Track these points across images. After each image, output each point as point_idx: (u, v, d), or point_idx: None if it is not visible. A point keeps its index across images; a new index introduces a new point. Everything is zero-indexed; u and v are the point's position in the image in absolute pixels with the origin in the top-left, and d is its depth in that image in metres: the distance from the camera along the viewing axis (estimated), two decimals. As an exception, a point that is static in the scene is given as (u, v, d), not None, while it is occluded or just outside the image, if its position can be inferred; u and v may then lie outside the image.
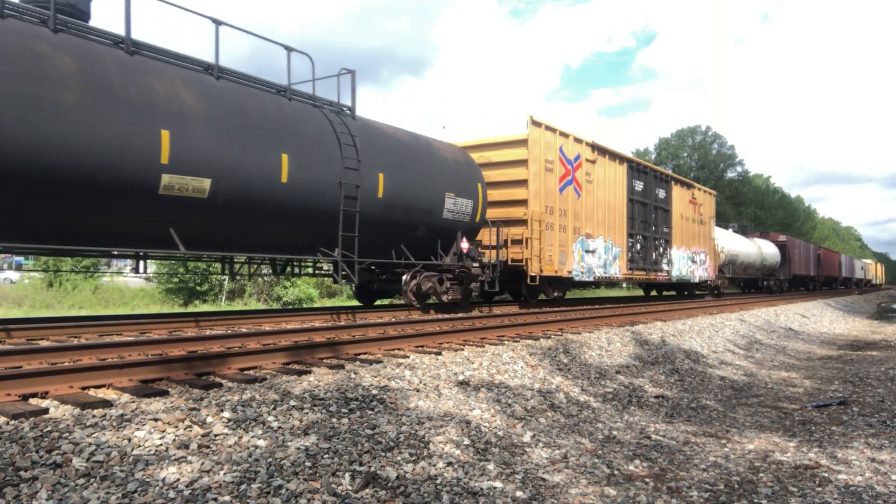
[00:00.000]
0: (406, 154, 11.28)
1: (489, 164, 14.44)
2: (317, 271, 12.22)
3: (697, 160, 66.57)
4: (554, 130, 14.67)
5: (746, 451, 5.57)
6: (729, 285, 38.28)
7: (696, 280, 23.21)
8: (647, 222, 19.09)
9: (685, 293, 25.38)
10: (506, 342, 8.04)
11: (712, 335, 12.67)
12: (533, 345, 8.07)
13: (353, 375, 5.51)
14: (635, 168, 18.72)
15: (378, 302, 14.24)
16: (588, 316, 12.25)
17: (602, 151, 16.80)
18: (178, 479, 3.26)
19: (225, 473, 3.41)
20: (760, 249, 31.76)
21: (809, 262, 40.96)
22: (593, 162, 16.24)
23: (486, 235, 13.41)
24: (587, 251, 15.76)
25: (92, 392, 4.41)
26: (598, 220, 16.36)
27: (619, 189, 17.56)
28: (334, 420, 4.45)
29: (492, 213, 13.72)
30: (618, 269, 17.34)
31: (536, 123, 14.13)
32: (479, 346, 7.56)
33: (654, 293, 27.13)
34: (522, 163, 14.06)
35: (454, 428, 4.84)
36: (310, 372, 5.41)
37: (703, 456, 5.36)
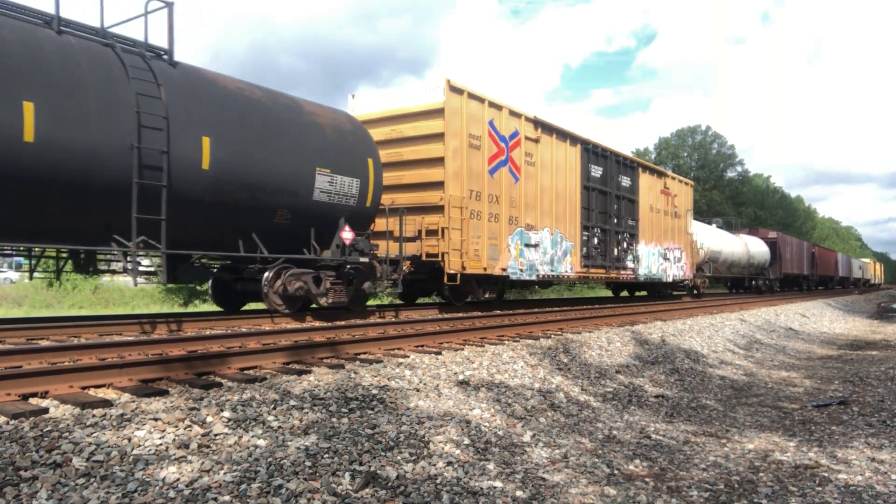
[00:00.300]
0: (254, 116, 8.84)
1: (402, 139, 12.23)
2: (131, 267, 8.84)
3: (697, 160, 66.58)
4: (481, 100, 12.42)
5: (746, 451, 5.57)
6: (714, 285, 37.01)
7: (670, 279, 20.96)
8: (608, 213, 16.86)
9: (663, 294, 23.12)
10: (506, 342, 8.04)
11: (712, 335, 12.67)
12: (533, 344, 8.08)
13: (353, 375, 5.52)
14: (591, 150, 16.32)
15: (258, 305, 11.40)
16: (588, 316, 12.25)
17: (548, 129, 14.41)
18: (178, 479, 3.26)
19: (225, 473, 3.41)
20: (747, 247, 30.03)
21: (803, 260, 39.45)
22: (536, 141, 13.94)
23: (402, 225, 11.47)
24: (528, 245, 13.53)
25: (92, 392, 4.41)
26: (542, 210, 14.13)
27: (570, 174, 15.28)
28: (334, 420, 4.45)
29: (405, 199, 11.91)
30: (569, 267, 15.13)
31: (456, 90, 11.82)
32: (479, 346, 7.56)
33: (624, 293, 24.45)
34: (438, 137, 11.67)
35: (454, 427, 4.85)
36: (310, 372, 5.42)
37: (703, 455, 5.37)
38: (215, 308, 18.95)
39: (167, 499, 3.08)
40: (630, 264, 18.05)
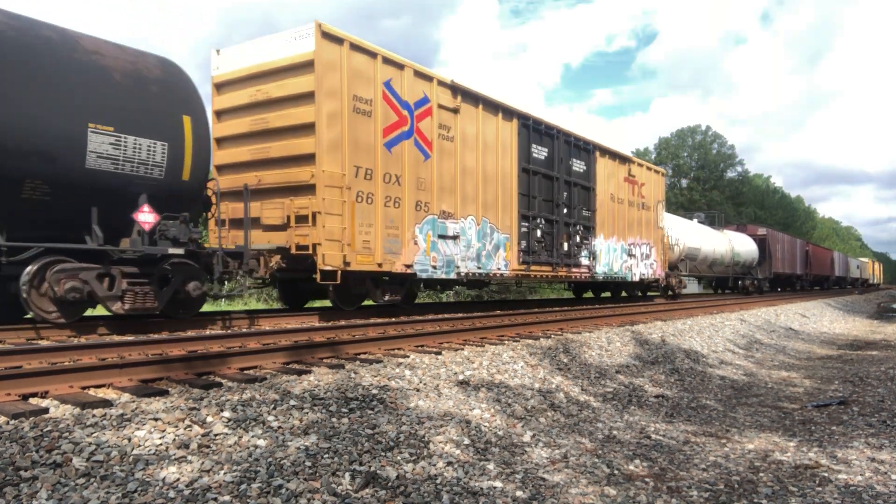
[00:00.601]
0: None
1: (268, 101, 9.78)
2: None
3: (697, 160, 66.63)
4: (372, 54, 9.95)
5: (746, 451, 5.57)
6: (701, 285, 34.57)
7: (636, 278, 18.61)
8: (555, 202, 14.48)
9: (630, 295, 20.61)
10: (506, 342, 8.05)
11: (712, 335, 12.67)
12: (533, 344, 8.08)
13: (353, 375, 5.52)
14: (532, 127, 13.78)
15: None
16: (588, 316, 12.26)
17: (471, 98, 12.05)
18: (178, 479, 3.26)
19: (225, 473, 3.41)
20: (731, 244, 27.72)
21: (795, 259, 37.26)
22: (454, 111, 11.56)
23: (247, 207, 9.00)
24: (443, 237, 11.27)
25: (92, 392, 4.41)
26: (465, 195, 11.82)
27: (504, 154, 12.90)
28: (334, 420, 4.45)
29: (273, 176, 9.71)
30: (503, 263, 12.75)
31: (331, 37, 9.31)
32: (479, 346, 7.57)
33: (588, 294, 21.53)
34: (307, 98, 9.27)
35: (454, 427, 4.85)
36: (310, 372, 5.42)
37: (703, 455, 5.37)
38: (215, 308, 18.53)
39: (167, 499, 3.08)
40: (585, 261, 15.71)
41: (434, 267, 11.09)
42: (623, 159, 17.99)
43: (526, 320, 10.28)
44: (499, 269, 12.68)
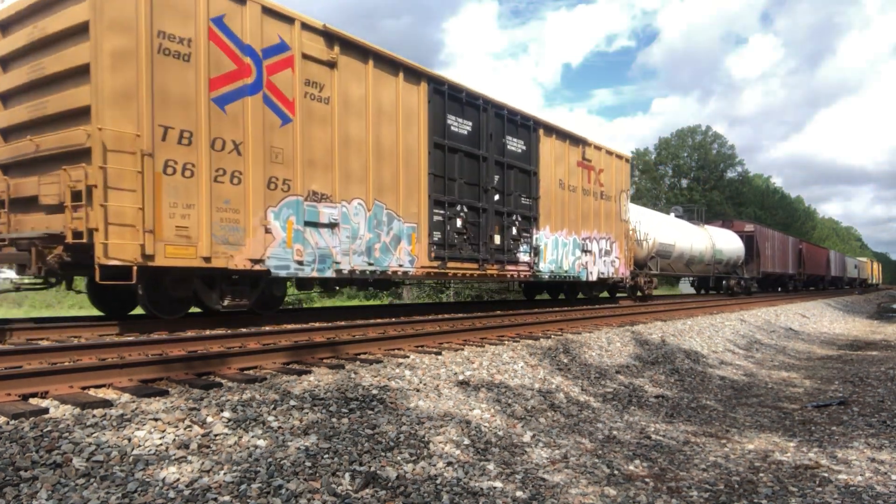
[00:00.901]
0: None
1: (44, 41, 7.50)
2: None
3: (697, 160, 66.67)
4: None
5: (746, 451, 5.57)
6: (670, 285, 32.62)
7: (594, 277, 16.30)
8: (482, 186, 12.16)
9: (588, 296, 18.41)
10: (506, 342, 8.05)
11: (712, 335, 12.68)
12: (533, 345, 8.08)
13: (353, 375, 5.52)
14: (448, 94, 11.35)
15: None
16: (588, 316, 12.26)
17: (357, 50, 9.59)
18: (178, 479, 3.26)
19: (225, 473, 3.41)
20: (713, 240, 25.21)
21: (788, 257, 35.00)
22: (330, 65, 9.14)
23: (48, 185, 7.19)
24: (314, 224, 8.96)
25: (92, 392, 4.41)
26: (348, 173, 9.45)
27: (409, 124, 10.58)
28: (334, 420, 4.45)
29: (51, 141, 7.39)
30: (407, 259, 10.52)
31: None
32: (479, 346, 7.57)
33: (545, 295, 19.50)
34: (81, 32, 7.07)
35: (454, 428, 4.85)
36: (310, 372, 5.42)
37: (703, 456, 5.37)
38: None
39: (167, 499, 3.08)
40: (524, 257, 13.38)
41: (300, 263, 8.77)
42: (575, 140, 15.35)
43: (526, 320, 10.28)
44: (401, 265, 10.42)
